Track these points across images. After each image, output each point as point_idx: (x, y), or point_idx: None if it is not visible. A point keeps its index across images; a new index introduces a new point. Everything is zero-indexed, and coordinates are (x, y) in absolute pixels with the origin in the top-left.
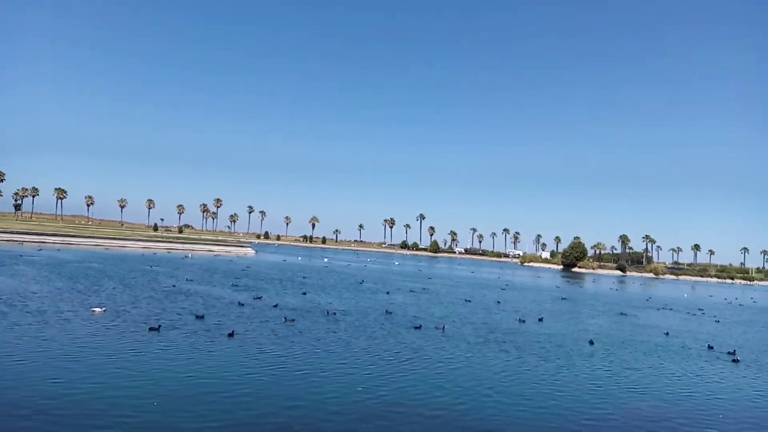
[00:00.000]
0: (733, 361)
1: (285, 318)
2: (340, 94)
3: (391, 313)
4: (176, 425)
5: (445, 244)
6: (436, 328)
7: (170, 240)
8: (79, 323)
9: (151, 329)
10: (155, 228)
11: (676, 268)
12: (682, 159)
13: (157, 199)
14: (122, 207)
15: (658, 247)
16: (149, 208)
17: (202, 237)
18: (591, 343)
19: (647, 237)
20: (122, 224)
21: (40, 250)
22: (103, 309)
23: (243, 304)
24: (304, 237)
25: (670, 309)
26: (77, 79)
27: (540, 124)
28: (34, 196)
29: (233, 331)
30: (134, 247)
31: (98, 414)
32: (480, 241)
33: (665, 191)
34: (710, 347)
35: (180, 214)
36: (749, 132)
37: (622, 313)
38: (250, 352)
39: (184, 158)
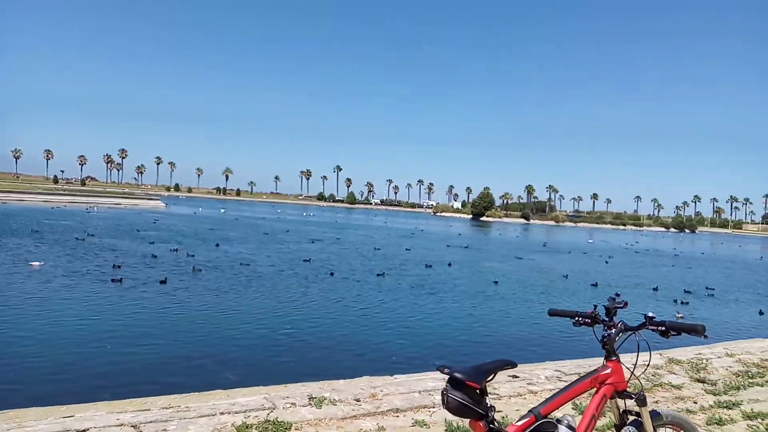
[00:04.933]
0: (616, 293)
1: (193, 267)
2: (256, 42)
3: (308, 260)
4: (122, 361)
5: (361, 196)
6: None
7: (72, 193)
8: (25, 277)
9: (113, 281)
10: (55, 180)
11: (576, 216)
12: (581, 111)
13: (55, 149)
14: (17, 158)
15: (561, 196)
16: (47, 159)
17: (107, 189)
18: (495, 283)
19: (551, 187)
20: (17, 176)
21: None
22: (41, 263)
23: (156, 256)
24: (218, 189)
25: (568, 252)
26: None
27: (455, 81)
28: None
29: (165, 279)
30: (34, 200)
31: (65, 356)
32: (396, 192)
33: (569, 142)
34: (594, 284)
35: (81, 165)
36: (646, 84)
37: (517, 257)
38: (167, 299)
39: (84, 107)
